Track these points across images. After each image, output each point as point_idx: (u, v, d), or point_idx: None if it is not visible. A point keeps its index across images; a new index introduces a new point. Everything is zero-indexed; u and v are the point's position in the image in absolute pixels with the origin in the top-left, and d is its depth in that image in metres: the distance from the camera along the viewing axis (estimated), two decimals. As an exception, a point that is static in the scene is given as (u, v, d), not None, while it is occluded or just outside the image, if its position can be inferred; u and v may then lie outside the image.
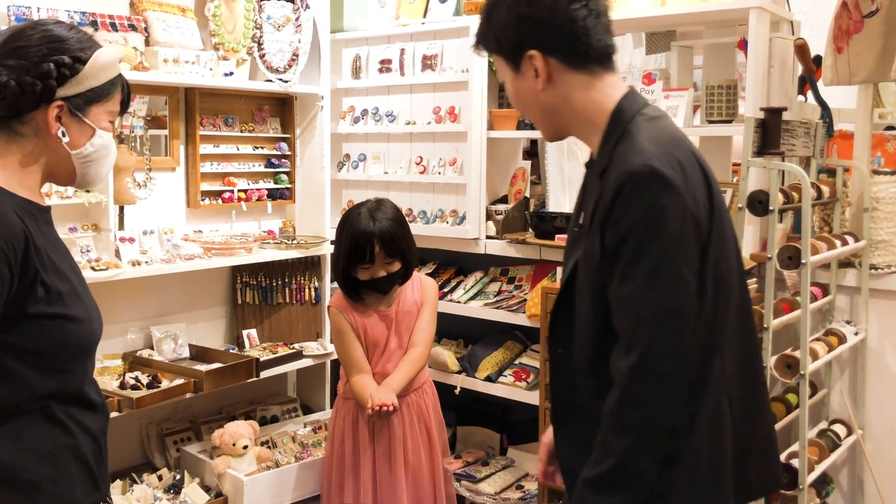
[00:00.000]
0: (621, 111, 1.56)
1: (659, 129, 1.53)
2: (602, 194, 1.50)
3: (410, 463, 2.87)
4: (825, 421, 2.93)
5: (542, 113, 1.63)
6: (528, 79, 1.58)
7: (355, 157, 3.81)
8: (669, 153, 1.47)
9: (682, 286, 1.44)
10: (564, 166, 4.10)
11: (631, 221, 1.44)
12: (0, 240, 1.41)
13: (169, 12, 3.17)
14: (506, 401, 3.39)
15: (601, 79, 1.58)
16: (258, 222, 3.68)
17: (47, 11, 2.81)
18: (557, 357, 1.70)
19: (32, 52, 1.51)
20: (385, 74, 3.66)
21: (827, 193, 2.80)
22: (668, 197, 1.42)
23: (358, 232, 2.79)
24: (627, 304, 1.46)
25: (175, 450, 3.33)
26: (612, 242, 1.47)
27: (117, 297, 3.15)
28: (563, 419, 1.71)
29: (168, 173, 3.31)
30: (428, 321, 2.96)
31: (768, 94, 2.88)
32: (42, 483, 1.51)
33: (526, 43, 1.56)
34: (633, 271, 1.44)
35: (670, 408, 1.46)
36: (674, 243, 1.43)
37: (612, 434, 1.48)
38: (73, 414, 1.57)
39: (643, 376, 1.45)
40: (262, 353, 3.44)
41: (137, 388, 2.93)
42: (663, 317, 1.44)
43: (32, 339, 1.48)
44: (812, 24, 3.62)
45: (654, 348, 1.44)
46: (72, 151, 1.58)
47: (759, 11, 2.79)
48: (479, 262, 3.66)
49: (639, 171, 1.43)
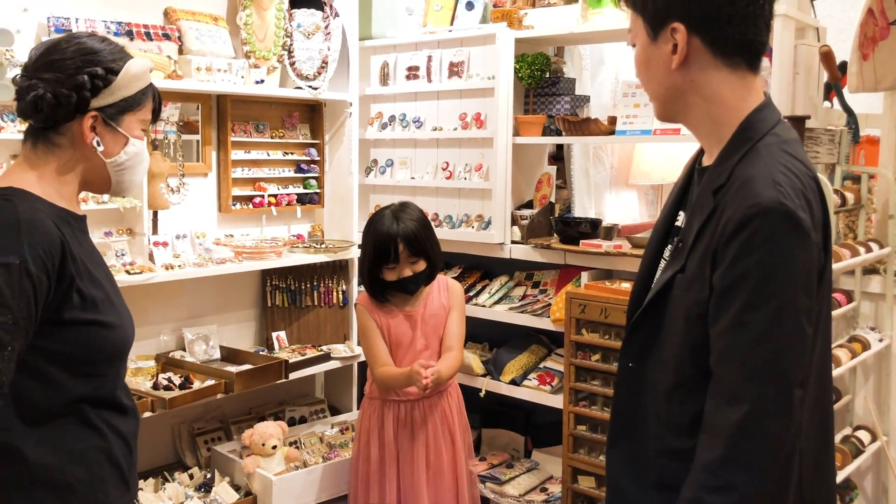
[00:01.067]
0: (752, 125, 1.40)
1: (791, 157, 1.37)
2: (715, 215, 1.37)
3: (432, 464, 2.92)
4: (849, 427, 2.94)
5: (664, 91, 1.47)
6: (663, 52, 1.42)
7: (383, 162, 3.87)
8: (800, 190, 1.32)
9: (801, 340, 1.32)
10: (590, 171, 4.13)
11: (754, 262, 1.30)
12: (38, 248, 1.46)
13: (202, 21, 3.25)
14: (530, 404, 3.42)
15: (742, 77, 1.42)
16: (288, 226, 3.75)
17: (85, 22, 2.89)
18: (627, 371, 1.57)
19: (67, 64, 1.56)
20: (412, 81, 3.71)
21: (851, 200, 2.80)
22: (798, 243, 1.29)
23: (382, 233, 2.84)
24: (738, 353, 1.32)
25: (206, 449, 3.40)
26: (728, 279, 1.33)
27: (151, 299, 3.23)
28: (620, 436, 1.60)
29: (200, 179, 3.39)
30: (458, 325, 3.01)
31: (793, 102, 2.90)
32: (76, 484, 1.56)
33: (674, 12, 1.38)
34: (750, 318, 1.31)
35: (777, 470, 1.33)
36: (798, 293, 1.30)
37: (707, 493, 1.34)
38: (106, 417, 1.62)
39: (752, 435, 1.31)
40: (291, 354, 3.51)
41: (170, 389, 3.00)
42: (777, 373, 1.31)
43: (68, 344, 1.53)
44: (840, 28, 3.62)
45: (765, 407, 1.31)
46: (106, 160, 1.63)
47: (784, 19, 2.80)
48: (505, 267, 3.69)
49: (770, 209, 1.28)
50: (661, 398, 1.48)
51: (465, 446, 3.03)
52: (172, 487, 3.06)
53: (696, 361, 1.40)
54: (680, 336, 1.43)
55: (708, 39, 1.39)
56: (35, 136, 1.60)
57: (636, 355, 1.54)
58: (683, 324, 1.42)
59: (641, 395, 1.53)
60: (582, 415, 3.04)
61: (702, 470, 1.35)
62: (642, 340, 1.53)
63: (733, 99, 1.42)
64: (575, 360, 3.03)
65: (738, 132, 1.41)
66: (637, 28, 1.47)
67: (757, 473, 1.32)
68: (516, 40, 3.45)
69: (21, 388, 1.49)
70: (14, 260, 1.42)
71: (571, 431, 3.05)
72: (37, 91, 1.54)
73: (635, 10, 1.46)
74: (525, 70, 3.47)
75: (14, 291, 1.41)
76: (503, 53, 3.40)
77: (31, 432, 1.52)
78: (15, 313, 1.42)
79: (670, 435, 1.46)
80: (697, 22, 1.38)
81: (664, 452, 1.48)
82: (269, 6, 3.40)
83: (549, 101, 3.56)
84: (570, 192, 4.07)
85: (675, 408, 1.45)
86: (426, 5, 3.86)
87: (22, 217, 1.47)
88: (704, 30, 1.38)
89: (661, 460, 1.48)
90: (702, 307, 1.38)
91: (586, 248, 3.19)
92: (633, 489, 1.54)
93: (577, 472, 3.05)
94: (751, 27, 1.39)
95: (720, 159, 1.42)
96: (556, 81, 3.56)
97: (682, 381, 1.44)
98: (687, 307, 1.41)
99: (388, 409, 2.94)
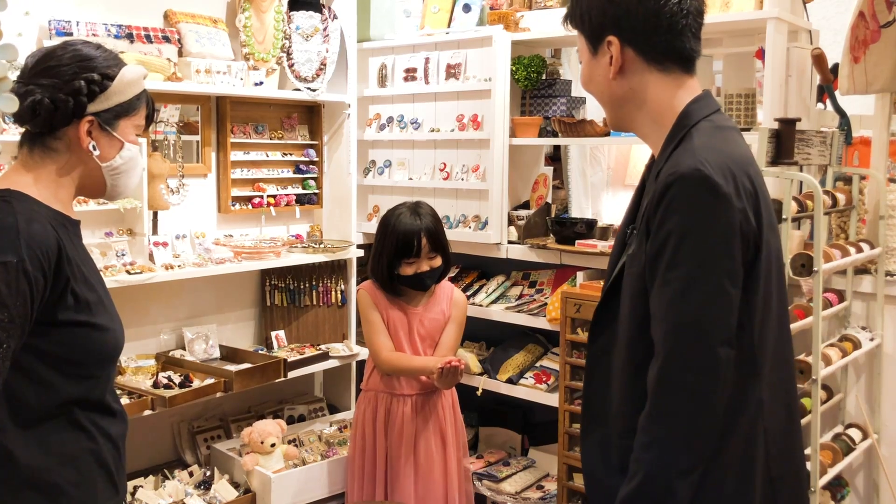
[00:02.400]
0: (687, 114, 1.50)
1: (722, 138, 1.47)
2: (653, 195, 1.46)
3: (421, 461, 2.95)
4: (841, 425, 2.97)
5: (609, 101, 1.58)
6: (602, 64, 1.54)
7: (381, 163, 3.90)
8: (724, 163, 1.40)
9: (722, 298, 1.37)
10: (587, 172, 4.17)
11: (673, 224, 1.38)
12: (36, 248, 1.48)
13: (201, 24, 3.28)
14: (527, 402, 3.45)
15: (676, 80, 1.53)
16: (287, 227, 3.78)
17: (86, 25, 2.92)
18: (594, 360, 1.64)
19: (63, 70, 1.59)
20: (410, 83, 3.74)
21: (843, 201, 2.83)
22: (716, 206, 1.37)
23: (405, 227, 2.91)
24: (660, 311, 1.40)
25: (205, 447, 3.43)
26: (654, 245, 1.41)
27: (151, 299, 3.26)
28: (591, 423, 1.65)
29: (200, 179, 3.42)
30: (454, 337, 3.05)
31: (786, 104, 2.93)
32: (66, 486, 1.57)
33: (608, 27, 1.51)
34: (670, 277, 1.38)
35: (698, 424, 1.38)
36: (717, 253, 1.37)
37: (641, 450, 1.41)
38: (95, 420, 1.63)
39: (671, 389, 1.38)
40: (290, 353, 3.54)
41: (170, 388, 3.03)
42: (695, 328, 1.37)
43: (61, 345, 1.55)
44: (834, 31, 3.64)
45: (683, 361, 1.37)
46: (102, 164, 1.65)
47: (776, 22, 2.83)
48: (502, 267, 3.73)
49: (687, 174, 1.38)
50: (620, 380, 1.54)
51: (458, 445, 3.05)
52: (172, 485, 3.09)
53: (645, 335, 1.45)
54: (629, 313, 1.51)
55: (639, 49, 1.51)
56: (32, 140, 1.62)
57: (599, 341, 1.62)
58: (630, 302, 1.50)
59: (607, 380, 1.59)
60: (577, 413, 3.07)
61: (639, 429, 1.43)
62: (603, 326, 1.60)
63: (668, 98, 1.53)
64: (570, 359, 3.07)
65: (676, 122, 1.51)
66: (581, 45, 1.59)
67: (683, 428, 1.38)
68: (513, 42, 3.48)
69: (14, 388, 1.50)
70: (12, 259, 1.44)
71: (567, 429, 3.09)
72: (34, 97, 1.56)
73: (577, 28, 1.59)
74: (521, 72, 3.50)
75: (11, 290, 1.44)
76: (500, 55, 3.43)
77: (22, 434, 1.53)
78: (11, 312, 1.44)
79: (629, 413, 1.49)
80: (628, 34, 1.51)
81: (624, 432, 1.51)
82: (268, 9, 3.44)
83: (546, 102, 3.59)
84: (567, 192, 4.11)
85: (631, 386, 1.50)
86: (424, 7, 3.89)
87: (20, 218, 1.49)
88: (635, 41, 1.51)
89: (623, 440, 1.51)
90: (641, 279, 1.46)
91: (582, 248, 3.22)
92: (603, 473, 1.58)
93: (573, 470, 3.08)
94: (676, 37, 1.50)
95: (662, 149, 1.53)
96: (553, 83, 3.59)
97: (634, 358, 1.49)
98: (632, 284, 1.49)
99: (381, 402, 2.98)
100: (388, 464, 2.97)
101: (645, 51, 1.51)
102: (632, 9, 1.49)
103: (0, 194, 1.55)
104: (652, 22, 1.48)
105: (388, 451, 2.97)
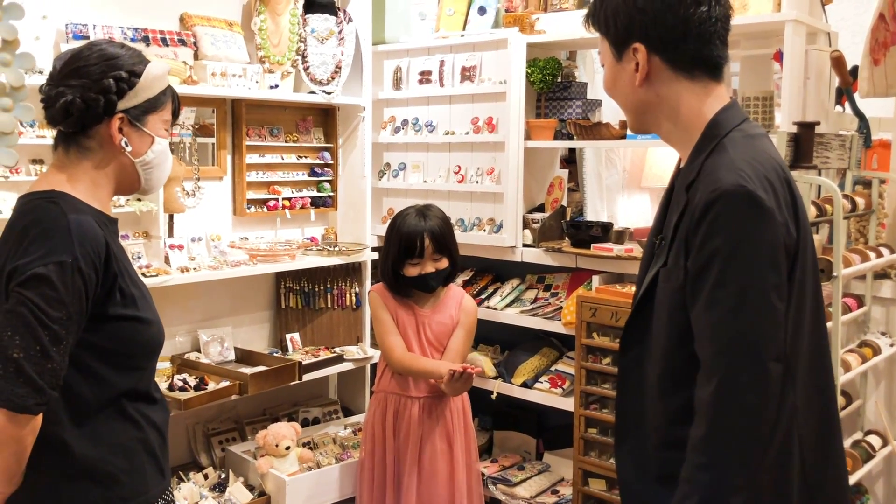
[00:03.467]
0: (717, 123, 1.48)
1: (755, 148, 1.45)
2: (688, 208, 1.44)
3: (425, 466, 2.93)
4: (860, 432, 2.94)
5: (633, 106, 1.57)
6: (627, 70, 1.52)
7: (395, 165, 3.90)
8: (763, 174, 1.39)
9: (771, 315, 1.36)
10: (602, 174, 4.15)
11: (719, 243, 1.36)
12: (88, 246, 1.55)
13: (217, 27, 3.29)
14: (542, 406, 3.44)
15: (705, 87, 1.51)
16: (301, 229, 3.79)
17: (102, 28, 2.94)
18: (626, 371, 1.63)
19: (92, 70, 1.64)
20: (425, 85, 3.74)
21: (862, 205, 2.80)
22: (761, 221, 1.35)
23: (409, 227, 2.91)
24: (712, 330, 1.38)
25: (220, 449, 3.43)
26: (698, 262, 1.39)
27: (167, 301, 3.27)
28: (625, 435, 1.64)
29: (216, 182, 3.43)
30: (463, 343, 3.02)
31: (804, 107, 2.90)
32: (119, 475, 1.65)
33: (634, 34, 1.48)
34: (719, 296, 1.37)
35: (753, 442, 1.37)
36: (765, 269, 1.36)
37: (698, 470, 1.39)
38: (142, 410, 1.71)
39: (729, 410, 1.36)
40: (305, 356, 3.54)
41: (185, 390, 3.04)
42: (748, 346, 1.35)
43: (112, 339, 1.62)
44: (853, 32, 3.62)
45: (738, 380, 1.35)
46: (135, 159, 1.70)
47: (794, 24, 2.81)
48: (516, 270, 3.72)
49: (731, 191, 1.35)
50: (654, 390, 1.53)
51: (466, 450, 3.02)
52: (187, 487, 3.10)
53: (682, 350, 1.45)
54: (665, 327, 1.49)
55: (666, 57, 1.48)
56: (66, 141, 1.68)
57: (631, 352, 1.60)
58: (667, 315, 1.48)
59: (640, 391, 1.57)
60: (593, 418, 3.06)
61: (692, 449, 1.41)
62: (636, 337, 1.59)
63: (697, 105, 1.50)
64: (586, 363, 3.05)
65: (706, 131, 1.49)
66: (604, 50, 1.56)
67: (739, 447, 1.36)
68: (528, 45, 3.47)
69: (69, 382, 1.57)
70: (67, 259, 1.51)
71: (582, 434, 3.07)
72: (66, 97, 1.61)
73: (601, 32, 1.56)
74: (537, 74, 3.49)
75: (68, 289, 1.51)
76: (515, 58, 3.42)
77: (76, 426, 1.61)
78: (69, 309, 1.51)
79: (666, 425, 1.50)
80: (655, 42, 1.48)
81: (663, 444, 1.52)
82: (284, 12, 3.44)
83: (561, 105, 3.58)
84: (582, 195, 4.09)
85: (668, 398, 1.49)
86: (439, 10, 3.89)
87: (70, 218, 1.55)
88: (663, 49, 1.48)
89: (661, 452, 1.52)
90: (680, 295, 1.44)
91: (597, 251, 3.21)
92: (641, 485, 1.58)
93: (588, 475, 3.07)
94: (705, 44, 1.47)
95: (691, 158, 1.50)
96: (568, 86, 3.58)
97: (671, 371, 1.48)
98: (669, 298, 1.47)
99: (390, 404, 2.97)
100: (396, 467, 2.96)
101: (673, 59, 1.48)
102: (660, 17, 1.46)
103: (46, 196, 1.60)
104: (681, 30, 1.46)
105: (395, 454, 2.96)
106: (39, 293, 1.48)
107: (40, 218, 1.54)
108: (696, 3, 1.45)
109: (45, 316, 1.48)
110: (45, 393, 1.49)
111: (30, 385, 1.47)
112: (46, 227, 1.53)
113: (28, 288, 1.48)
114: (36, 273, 1.48)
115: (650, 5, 1.46)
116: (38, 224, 1.53)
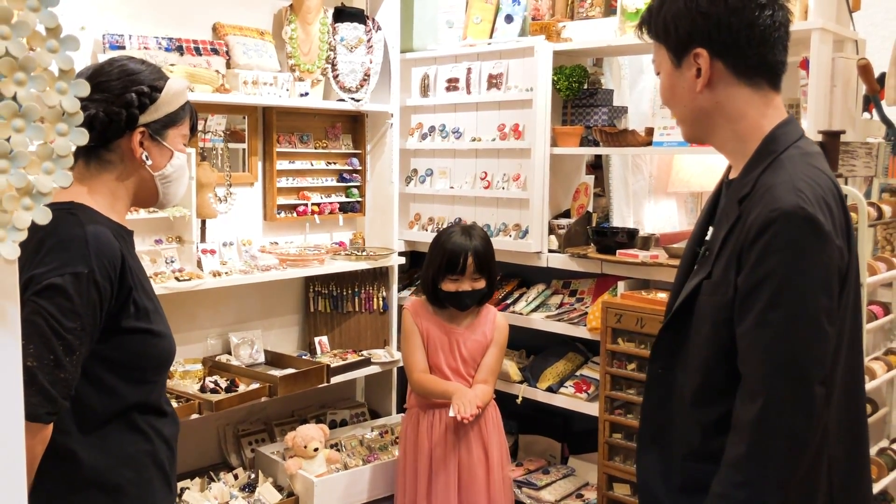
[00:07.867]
0: (775, 139, 1.47)
1: (813, 167, 1.43)
2: (739, 222, 1.43)
3: (464, 478, 2.99)
4: (886, 440, 2.93)
5: (690, 114, 1.54)
6: (687, 77, 1.50)
7: (423, 171, 3.94)
8: (821, 196, 1.38)
9: (821, 339, 1.36)
10: (629, 180, 4.16)
11: (775, 264, 1.35)
12: (104, 258, 1.56)
13: (248, 36, 3.35)
14: (567, 411, 3.46)
15: (764, 97, 1.49)
16: (330, 234, 3.85)
17: (138, 38, 3.01)
18: (656, 377, 1.63)
19: (114, 85, 1.67)
20: (452, 93, 3.78)
21: (888, 213, 2.80)
22: (818, 245, 1.35)
23: (454, 244, 3.01)
24: (760, 351, 1.38)
25: (250, 450, 3.50)
26: (751, 281, 1.39)
27: (199, 305, 3.34)
28: (650, 440, 1.64)
29: (247, 188, 3.50)
30: (496, 360, 3.11)
31: (830, 115, 2.90)
32: (126, 486, 1.65)
33: (696, 39, 1.47)
34: (771, 318, 1.36)
35: (794, 464, 1.38)
36: (818, 293, 1.35)
37: (734, 488, 1.40)
38: (152, 422, 1.71)
39: (772, 431, 1.36)
40: (333, 359, 3.60)
41: (216, 392, 3.10)
42: (797, 370, 1.36)
43: (124, 351, 1.63)
44: (883, 37, 3.59)
45: (785, 403, 1.36)
46: (154, 173, 1.73)
47: (821, 32, 2.81)
48: (542, 275, 3.74)
49: (790, 212, 1.34)
50: (688, 401, 1.53)
51: (500, 459, 3.08)
52: (218, 487, 3.16)
53: (724, 364, 1.45)
54: (707, 340, 1.48)
55: (730, 62, 1.47)
56: (87, 155, 1.69)
57: (665, 361, 1.60)
58: (710, 327, 1.47)
59: (670, 400, 1.58)
60: (617, 423, 3.08)
61: (729, 466, 1.41)
62: (671, 346, 1.58)
63: (757, 116, 1.49)
64: (611, 368, 3.08)
65: (762, 146, 1.47)
66: (661, 57, 1.55)
67: (779, 468, 1.37)
68: (554, 52, 3.50)
69: (80, 393, 1.57)
70: (83, 270, 1.52)
71: (607, 439, 3.10)
72: (90, 112, 1.64)
73: (658, 40, 1.55)
74: (563, 82, 3.52)
75: (83, 300, 1.51)
76: (541, 65, 3.45)
77: (86, 436, 1.61)
78: (83, 320, 1.51)
79: (697, 437, 1.50)
80: (719, 47, 1.46)
81: (691, 455, 1.52)
82: (314, 21, 3.50)
83: (587, 111, 3.60)
84: (608, 200, 4.10)
85: (703, 410, 1.50)
86: (466, 18, 3.92)
87: (88, 229, 1.57)
88: (726, 54, 1.46)
89: (689, 463, 1.53)
90: (728, 310, 1.43)
91: (623, 257, 3.23)
92: (664, 492, 1.59)
93: (613, 480, 3.09)
94: (770, 50, 1.47)
95: (745, 171, 1.49)
96: (594, 93, 3.60)
97: (710, 384, 1.48)
98: (713, 311, 1.46)
99: (423, 418, 3.04)
100: (431, 476, 3.01)
101: (736, 64, 1.47)
102: (724, 21, 1.44)
103: (65, 207, 1.61)
104: (745, 35, 1.44)
105: (430, 465, 3.01)
106: (54, 303, 1.48)
107: (58, 228, 1.51)
108: (760, 8, 1.45)
109: (60, 326, 1.47)
110: (56, 402, 1.47)
111: (42, 394, 1.45)
112: (64, 237, 1.53)
113: (43, 297, 1.47)
114: (52, 283, 1.48)
115: (714, 9, 1.45)
116: (55, 234, 1.53)
